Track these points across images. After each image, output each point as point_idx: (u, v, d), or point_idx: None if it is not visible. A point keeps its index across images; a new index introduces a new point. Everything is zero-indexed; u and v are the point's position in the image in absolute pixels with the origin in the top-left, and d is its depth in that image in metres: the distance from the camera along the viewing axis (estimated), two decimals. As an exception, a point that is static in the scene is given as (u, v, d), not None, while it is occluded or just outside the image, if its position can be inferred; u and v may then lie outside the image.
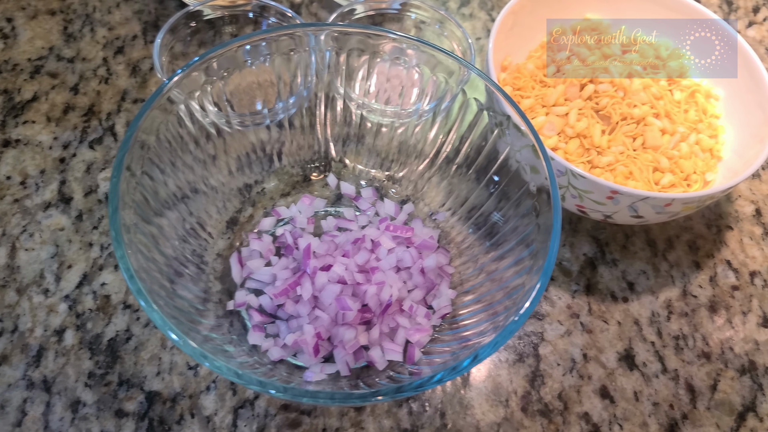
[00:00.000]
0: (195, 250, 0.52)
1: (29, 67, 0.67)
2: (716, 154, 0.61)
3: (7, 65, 0.67)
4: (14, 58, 0.68)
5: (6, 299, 0.53)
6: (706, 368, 0.55)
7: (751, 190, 0.66)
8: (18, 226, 0.57)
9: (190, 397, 0.50)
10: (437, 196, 0.59)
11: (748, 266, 0.61)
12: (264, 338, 0.51)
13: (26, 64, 0.67)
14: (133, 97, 0.66)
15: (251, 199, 0.58)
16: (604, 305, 0.58)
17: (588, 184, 0.52)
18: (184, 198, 0.52)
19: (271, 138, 0.59)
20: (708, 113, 0.63)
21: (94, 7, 0.73)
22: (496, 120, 0.52)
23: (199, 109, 0.52)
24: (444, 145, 0.58)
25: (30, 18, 0.71)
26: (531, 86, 0.63)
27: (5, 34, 0.70)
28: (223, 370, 0.37)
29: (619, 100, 0.61)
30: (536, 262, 0.44)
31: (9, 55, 0.68)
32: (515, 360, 0.54)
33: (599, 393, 0.53)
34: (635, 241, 0.62)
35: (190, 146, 0.52)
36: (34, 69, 0.67)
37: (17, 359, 0.51)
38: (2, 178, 0.59)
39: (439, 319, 0.52)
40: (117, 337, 0.52)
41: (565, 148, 0.59)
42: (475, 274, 0.54)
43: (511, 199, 0.51)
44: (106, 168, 0.61)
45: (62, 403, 0.49)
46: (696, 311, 0.58)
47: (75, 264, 0.55)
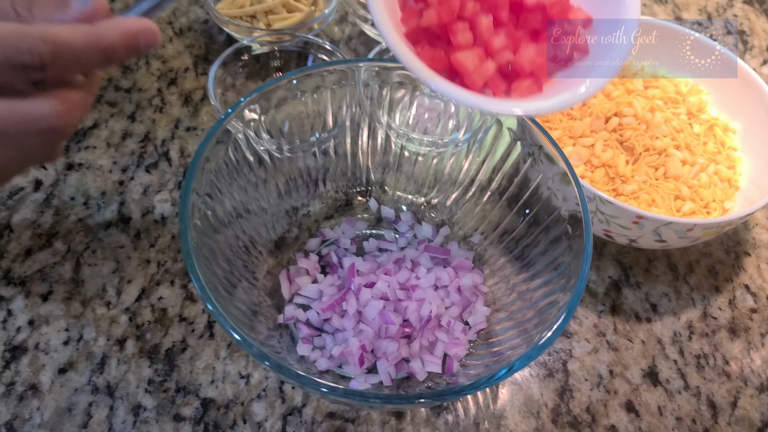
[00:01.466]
0: (247, 266, 0.56)
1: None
2: (734, 183, 0.65)
3: (70, 95, 0.72)
4: (76, 88, 0.73)
5: (72, 310, 0.57)
6: (726, 386, 0.58)
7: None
8: (82, 243, 0.61)
9: (242, 404, 0.54)
10: (471, 220, 0.63)
11: (765, 290, 0.64)
12: (311, 350, 0.54)
13: (87, 93, 0.72)
14: (185, 125, 0.71)
15: (297, 221, 0.62)
16: (628, 325, 0.61)
17: (615, 209, 0.56)
18: (238, 217, 0.56)
19: (317, 164, 0.63)
20: (726, 145, 0.67)
21: (148, 42, 0.78)
22: (529, 150, 0.56)
23: (254, 136, 0.57)
24: (478, 173, 0.62)
25: (90, 51, 0.76)
26: (559, 119, 0.67)
27: (68, 66, 0.75)
28: (284, 370, 0.41)
29: (642, 133, 0.65)
30: (568, 282, 0.48)
31: (71, 85, 0.73)
32: (545, 375, 0.58)
33: (625, 407, 0.56)
34: (657, 266, 0.65)
35: (245, 170, 0.57)
36: (95, 98, 0.72)
37: (83, 366, 0.55)
38: (67, 198, 0.64)
39: (475, 334, 0.56)
40: (174, 347, 0.56)
41: (592, 176, 0.63)
42: (508, 293, 0.57)
43: (542, 224, 0.55)
44: (161, 190, 0.65)
45: (124, 407, 0.53)
46: (716, 332, 0.61)
47: (134, 279, 0.60)
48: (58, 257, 0.60)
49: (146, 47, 0.41)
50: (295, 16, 0.74)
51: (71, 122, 0.39)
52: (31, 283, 0.58)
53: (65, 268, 0.59)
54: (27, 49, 0.36)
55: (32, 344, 0.55)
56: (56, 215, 0.63)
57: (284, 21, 0.74)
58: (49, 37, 0.36)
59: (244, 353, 0.56)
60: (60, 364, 0.55)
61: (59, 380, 0.54)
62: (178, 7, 0.82)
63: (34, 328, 0.56)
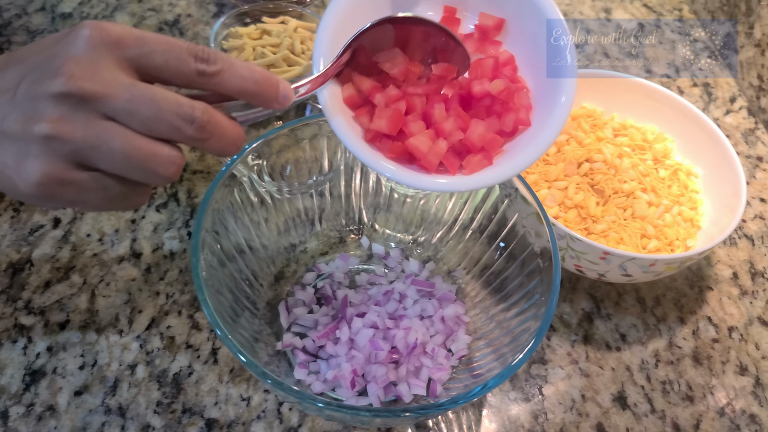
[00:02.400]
0: (249, 297, 0.61)
1: (105, 142, 0.78)
2: (696, 223, 0.71)
3: (87, 140, 0.78)
4: (92, 134, 0.79)
5: (87, 338, 0.62)
6: (689, 410, 0.63)
7: (729, 256, 0.75)
8: (96, 276, 0.67)
9: (243, 424, 0.59)
10: (454, 257, 0.68)
11: (726, 322, 0.70)
12: (307, 374, 0.59)
13: (102, 139, 0.78)
14: (193, 169, 0.77)
15: (296, 257, 0.68)
16: (599, 353, 0.66)
17: (584, 246, 0.61)
18: (241, 253, 0.61)
19: (313, 205, 0.69)
20: (689, 188, 0.73)
21: (159, 92, 0.85)
22: (506, 192, 0.62)
23: (257, 179, 0.63)
24: (461, 213, 0.68)
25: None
26: (535, 164, 0.73)
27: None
28: (284, 387, 0.46)
29: (611, 177, 0.71)
30: (539, 311, 0.53)
31: (88, 131, 0.79)
32: (523, 399, 0.62)
33: (596, 429, 0.61)
34: (627, 299, 0.70)
35: (248, 210, 0.62)
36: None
37: (97, 389, 0.60)
38: (83, 235, 0.70)
39: (457, 360, 0.61)
40: (181, 371, 0.61)
41: (565, 217, 0.69)
42: (487, 322, 0.62)
43: (517, 259, 0.61)
44: (170, 228, 0.71)
45: (134, 426, 0.58)
46: (681, 360, 0.66)
47: (145, 309, 0.65)
48: (74, 289, 0.65)
49: (283, 98, 0.44)
50: (294, 70, 0.80)
51: (173, 177, 0.43)
52: (50, 312, 0.64)
53: (81, 299, 0.65)
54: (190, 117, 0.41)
55: (50, 369, 0.60)
56: (73, 250, 0.68)
57: (285, 74, 0.81)
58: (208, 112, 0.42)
59: (245, 378, 0.61)
60: (76, 387, 0.59)
61: (75, 402, 0.59)
62: (187, 59, 0.88)
63: (53, 354, 0.61)
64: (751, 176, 0.84)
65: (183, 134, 0.41)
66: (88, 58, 0.40)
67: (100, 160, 0.41)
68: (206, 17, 0.95)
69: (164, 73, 0.42)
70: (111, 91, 0.40)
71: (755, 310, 0.71)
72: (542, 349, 0.66)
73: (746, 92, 0.92)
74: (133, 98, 0.40)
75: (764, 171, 0.84)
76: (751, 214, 0.80)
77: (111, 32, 0.41)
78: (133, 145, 0.41)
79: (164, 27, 0.93)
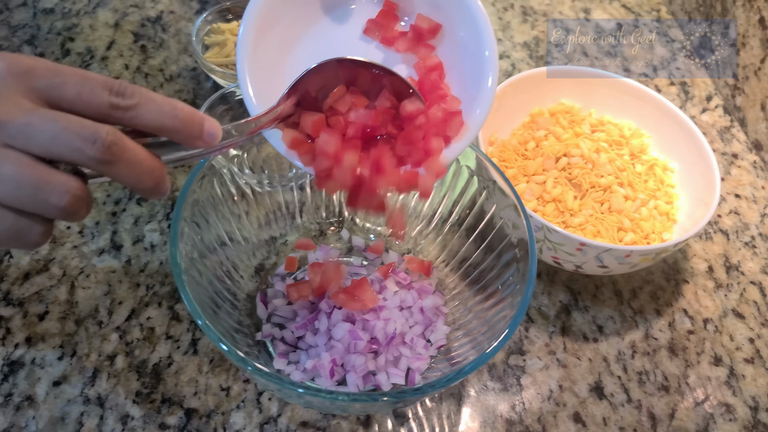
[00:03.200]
0: (230, 289, 0.62)
1: (86, 136, 0.78)
2: (671, 217, 0.72)
3: (68, 134, 0.78)
4: (73, 128, 0.79)
5: (66, 329, 0.62)
6: (665, 399, 0.64)
7: (705, 250, 0.77)
8: (76, 268, 0.67)
9: (223, 414, 0.59)
10: (434, 249, 0.69)
11: (701, 314, 0.71)
12: (287, 364, 0.60)
13: (83, 133, 0.78)
14: (174, 163, 0.77)
15: (276, 249, 0.68)
16: (577, 344, 0.67)
17: (561, 237, 0.62)
18: (222, 245, 0.62)
19: (294, 198, 0.69)
20: (665, 183, 0.74)
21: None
22: (484, 184, 0.63)
23: (237, 171, 0.63)
24: (440, 206, 0.68)
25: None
26: (514, 158, 0.74)
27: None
28: (263, 374, 0.46)
29: (588, 171, 0.72)
30: (515, 300, 0.54)
31: (69, 125, 0.79)
32: (501, 389, 0.63)
33: (573, 418, 0.62)
34: (604, 291, 0.71)
35: (229, 203, 0.63)
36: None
37: (76, 379, 0.59)
38: (63, 227, 0.70)
39: (436, 350, 0.62)
40: (160, 362, 0.61)
41: (543, 210, 0.70)
42: (465, 313, 0.63)
43: (495, 250, 0.62)
44: (151, 221, 0.71)
45: (113, 416, 0.58)
46: (657, 351, 0.67)
47: (124, 301, 0.65)
48: (54, 281, 0.65)
49: (208, 136, 0.42)
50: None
51: (78, 215, 0.40)
52: (29, 303, 0.64)
53: (61, 291, 0.65)
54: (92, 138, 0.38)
55: (29, 359, 0.60)
56: (53, 242, 0.68)
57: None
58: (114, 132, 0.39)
59: (225, 368, 0.61)
60: (54, 378, 0.59)
61: (53, 392, 0.59)
62: (169, 55, 0.89)
63: (31, 345, 0.61)
64: (726, 173, 0.85)
65: (85, 155, 0.38)
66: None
67: None
68: (189, 14, 0.95)
69: (76, 106, 0.39)
70: (8, 117, 0.37)
71: (729, 302, 0.72)
72: (520, 340, 0.67)
73: (722, 91, 0.94)
74: (31, 121, 0.38)
75: (739, 168, 0.86)
76: (726, 209, 0.81)
77: (21, 63, 0.39)
78: (24, 172, 0.37)
79: (146, 23, 0.93)
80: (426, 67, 0.54)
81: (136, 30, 0.92)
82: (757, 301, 0.72)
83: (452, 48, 0.55)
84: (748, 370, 0.67)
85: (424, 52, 0.55)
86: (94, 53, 0.88)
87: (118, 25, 0.92)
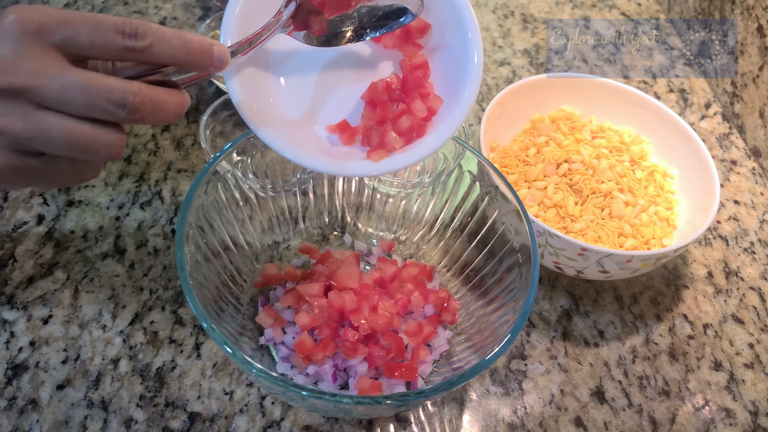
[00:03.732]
0: (233, 293, 0.62)
1: (89, 141, 0.79)
2: (672, 223, 0.72)
3: (71, 139, 0.79)
4: (77, 133, 0.79)
5: (70, 333, 0.63)
6: (666, 404, 0.64)
7: (704, 256, 0.77)
8: (80, 272, 0.67)
9: (226, 417, 0.59)
10: (436, 254, 0.70)
11: (701, 319, 0.71)
12: (290, 368, 0.60)
13: (87, 138, 0.79)
14: (177, 168, 0.77)
15: (279, 254, 0.69)
16: (578, 349, 0.67)
17: (562, 242, 0.63)
18: (226, 249, 0.62)
19: (297, 203, 0.70)
20: (665, 189, 0.75)
21: (144, 92, 0.85)
22: (486, 190, 0.63)
23: (241, 176, 0.63)
24: (442, 212, 0.69)
25: (90, 100, 0.84)
26: (515, 164, 0.75)
27: (69, 113, 0.82)
28: (269, 377, 0.47)
29: (589, 177, 0.72)
30: (517, 304, 0.54)
31: (72, 130, 0.80)
32: (503, 393, 0.63)
33: (574, 422, 0.62)
34: (605, 296, 0.72)
35: (233, 208, 0.63)
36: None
37: (79, 383, 0.60)
38: (67, 232, 0.70)
39: (439, 355, 0.62)
40: (164, 366, 0.61)
41: (544, 216, 0.70)
42: (468, 318, 0.64)
43: (497, 256, 0.62)
44: (154, 225, 0.71)
45: (117, 420, 0.58)
46: (657, 356, 0.68)
47: (128, 305, 0.65)
48: (58, 284, 0.66)
49: (218, 62, 0.44)
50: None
51: (116, 157, 0.45)
52: (33, 307, 0.64)
53: (65, 295, 0.65)
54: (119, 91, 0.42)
55: (33, 363, 0.60)
56: (57, 247, 0.69)
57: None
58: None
59: (228, 372, 0.62)
60: (58, 381, 0.60)
61: (57, 396, 0.59)
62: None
63: (35, 349, 0.61)
64: (725, 179, 0.86)
65: (117, 117, 0.42)
66: (13, 51, 0.41)
67: (44, 148, 0.43)
68: (191, 20, 0.96)
69: (92, 53, 0.42)
70: (40, 82, 0.41)
71: (729, 308, 0.73)
72: (522, 345, 0.67)
73: (720, 98, 0.95)
74: (63, 88, 0.41)
75: (738, 174, 0.87)
76: (726, 215, 0.82)
77: (32, 20, 0.41)
78: (71, 133, 0.42)
79: (150, 29, 0.93)
80: (411, 65, 0.54)
81: (139, 36, 0.92)
82: (756, 307, 0.73)
83: (439, 50, 0.56)
84: (748, 375, 0.67)
85: (411, 50, 0.55)
86: (97, 59, 0.89)
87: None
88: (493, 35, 1.02)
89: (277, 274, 0.65)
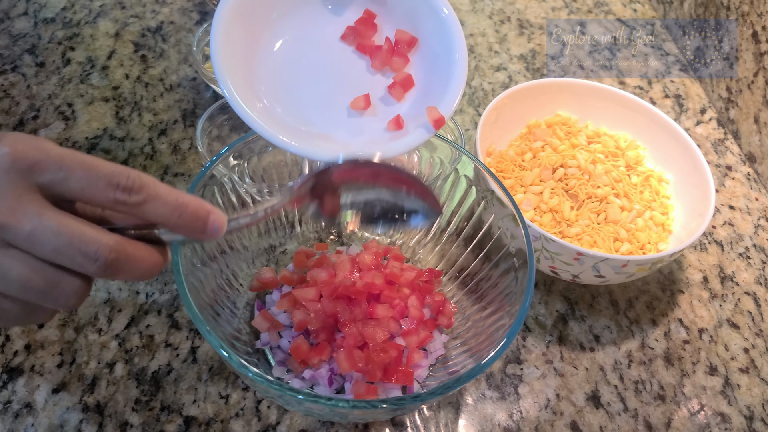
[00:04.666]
0: (229, 297, 0.62)
1: (86, 144, 0.79)
2: (667, 228, 0.73)
3: (68, 142, 0.79)
4: (74, 136, 0.80)
5: (65, 336, 0.63)
6: (661, 408, 0.65)
7: (700, 261, 0.77)
8: (76, 276, 0.67)
9: (222, 421, 0.59)
10: (432, 258, 0.70)
11: (697, 324, 0.71)
12: (286, 372, 0.60)
13: (84, 141, 0.79)
14: (174, 171, 0.77)
15: (275, 258, 0.69)
16: (573, 354, 0.67)
17: (558, 247, 0.63)
18: (222, 253, 0.62)
19: (293, 207, 0.69)
20: (660, 194, 0.75)
21: (141, 96, 0.86)
22: (483, 194, 0.64)
23: (238, 180, 0.63)
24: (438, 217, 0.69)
25: (87, 104, 0.84)
26: (512, 169, 0.75)
27: (66, 117, 0.82)
28: (265, 380, 0.47)
29: (585, 182, 0.72)
30: (513, 309, 0.55)
31: (69, 134, 0.80)
32: (499, 397, 0.63)
33: (570, 427, 0.62)
34: (600, 301, 0.72)
35: (229, 211, 0.63)
36: (91, 146, 0.79)
37: (75, 386, 0.60)
38: (63, 236, 0.70)
39: (435, 359, 0.62)
40: (159, 370, 0.61)
41: (540, 220, 0.71)
42: (464, 322, 0.64)
43: (493, 260, 0.62)
44: (150, 230, 0.71)
45: (112, 424, 0.58)
46: (653, 361, 0.68)
47: (124, 308, 0.65)
48: (54, 288, 0.65)
49: (211, 231, 0.43)
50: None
51: (75, 307, 0.42)
52: (29, 311, 0.64)
53: (60, 299, 0.65)
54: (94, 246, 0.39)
55: (28, 366, 0.60)
56: (53, 251, 0.68)
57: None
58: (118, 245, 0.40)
59: (224, 376, 0.62)
60: (54, 385, 0.60)
61: (52, 399, 0.59)
62: (169, 65, 0.89)
63: (31, 352, 0.61)
64: (720, 184, 0.86)
65: (86, 270, 0.39)
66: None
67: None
68: (189, 24, 0.96)
69: (81, 198, 0.40)
70: (13, 220, 0.38)
71: (724, 312, 0.73)
72: (518, 349, 0.67)
73: (716, 104, 0.95)
74: (35, 230, 0.38)
75: (733, 179, 0.87)
76: (721, 220, 0.82)
77: (26, 158, 0.38)
78: (31, 277, 0.39)
79: (147, 33, 0.94)
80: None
81: (137, 40, 0.93)
82: (751, 312, 0.73)
83: (425, 61, 0.58)
84: (743, 380, 0.67)
85: (397, 63, 0.58)
86: (94, 62, 0.89)
87: (119, 34, 0.93)
88: (489, 40, 1.02)
89: (273, 278, 0.65)
